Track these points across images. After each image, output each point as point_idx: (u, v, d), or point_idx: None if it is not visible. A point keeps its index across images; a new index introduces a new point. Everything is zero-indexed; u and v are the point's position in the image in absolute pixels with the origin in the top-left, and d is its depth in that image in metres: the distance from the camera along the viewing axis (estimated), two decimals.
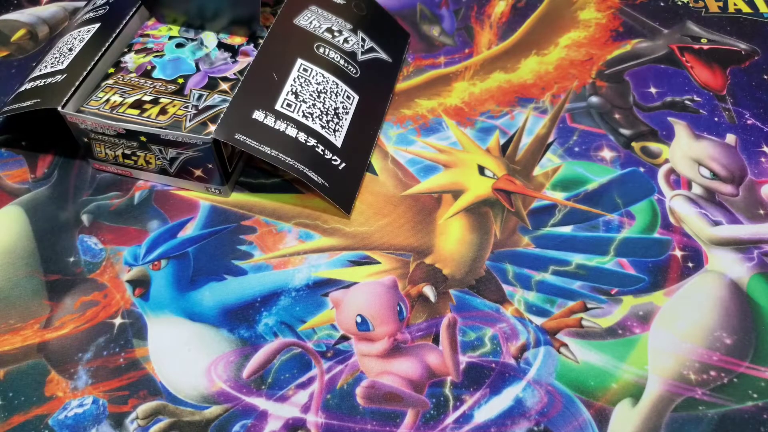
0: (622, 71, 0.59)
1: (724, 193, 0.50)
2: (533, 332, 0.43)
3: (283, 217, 0.49)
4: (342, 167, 0.48)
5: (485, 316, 0.44)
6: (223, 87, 0.48)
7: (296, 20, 0.52)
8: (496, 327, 0.43)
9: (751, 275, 0.46)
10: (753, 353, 0.42)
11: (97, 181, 0.51)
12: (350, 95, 0.51)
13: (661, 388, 0.41)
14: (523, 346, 0.42)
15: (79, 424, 0.39)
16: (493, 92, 0.58)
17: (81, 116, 0.46)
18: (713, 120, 0.55)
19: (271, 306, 0.44)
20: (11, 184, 0.51)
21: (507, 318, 0.44)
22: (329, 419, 0.40)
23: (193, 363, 0.42)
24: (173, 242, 0.47)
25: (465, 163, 0.52)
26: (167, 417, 0.40)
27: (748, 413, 0.40)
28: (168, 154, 0.47)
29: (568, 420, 0.39)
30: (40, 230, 0.48)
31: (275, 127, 0.45)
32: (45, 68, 0.50)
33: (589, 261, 0.47)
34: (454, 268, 0.46)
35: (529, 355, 0.42)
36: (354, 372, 0.41)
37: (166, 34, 0.52)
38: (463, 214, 0.49)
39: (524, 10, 0.65)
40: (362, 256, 0.47)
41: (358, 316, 0.43)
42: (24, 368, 0.42)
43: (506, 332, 0.43)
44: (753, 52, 0.61)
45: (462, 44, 0.62)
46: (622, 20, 0.64)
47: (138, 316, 0.44)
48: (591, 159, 0.53)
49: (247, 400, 0.40)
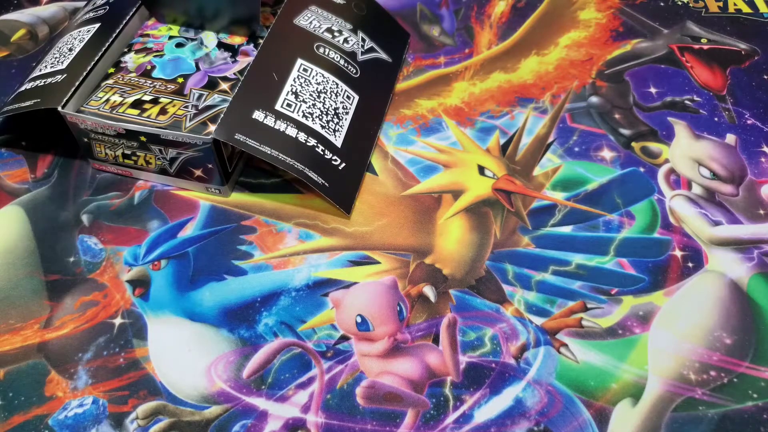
0: (622, 71, 0.59)
1: (724, 193, 0.50)
2: (533, 332, 0.43)
3: (283, 217, 0.49)
4: (342, 167, 0.48)
5: (485, 316, 0.44)
6: (223, 87, 0.48)
7: (296, 20, 0.52)
8: (496, 327, 0.43)
9: (751, 275, 0.46)
10: (753, 353, 0.42)
11: (97, 181, 0.51)
12: (350, 95, 0.51)
13: (661, 388, 0.41)
14: (523, 346, 0.42)
15: (79, 424, 0.39)
16: (493, 92, 0.58)
17: (81, 116, 0.46)
18: (713, 120, 0.55)
19: (271, 306, 0.44)
20: (11, 184, 0.51)
21: (507, 318, 0.44)
22: (329, 419, 0.40)
23: (193, 363, 0.42)
24: (173, 242, 0.47)
25: (465, 163, 0.52)
26: (167, 417, 0.40)
27: (748, 413, 0.40)
28: (168, 154, 0.47)
29: (568, 420, 0.39)
30: (40, 230, 0.48)
31: (275, 127, 0.45)
32: (45, 68, 0.50)
33: (589, 261, 0.47)
34: (454, 268, 0.46)
35: (529, 355, 0.42)
36: (354, 372, 0.41)
37: (166, 33, 0.52)
38: (463, 214, 0.49)
39: (524, 10, 0.65)
40: (362, 256, 0.47)
41: (358, 316, 0.43)
42: (24, 368, 0.42)
43: (506, 332, 0.43)
44: (753, 52, 0.61)
45: (462, 44, 0.62)
46: (622, 20, 0.64)
47: (138, 316, 0.44)
48: (591, 159, 0.53)
49: (247, 400, 0.40)
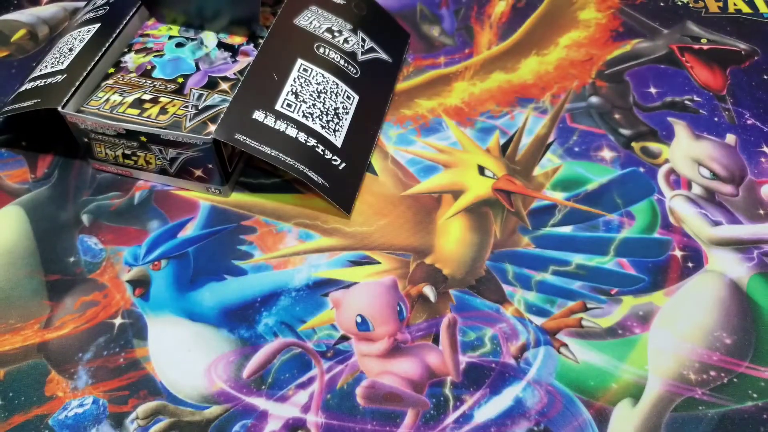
0: (622, 71, 0.59)
1: (724, 193, 0.50)
2: (533, 332, 0.43)
3: (283, 217, 0.49)
4: (342, 167, 0.48)
5: (485, 316, 0.44)
6: (223, 87, 0.48)
7: (296, 20, 0.52)
8: (496, 327, 0.43)
9: (751, 275, 0.46)
10: (753, 353, 0.42)
11: (97, 181, 0.51)
12: (350, 95, 0.51)
13: (661, 388, 0.41)
14: (523, 346, 0.42)
15: (79, 424, 0.39)
16: (493, 92, 0.58)
17: (81, 116, 0.46)
18: (713, 120, 0.55)
19: (271, 306, 0.44)
20: (11, 184, 0.51)
21: (507, 318, 0.44)
22: (329, 419, 0.40)
23: (193, 363, 0.42)
24: (173, 242, 0.47)
25: (465, 163, 0.52)
26: (167, 417, 0.40)
27: (748, 413, 0.40)
28: (168, 154, 0.47)
29: (568, 420, 0.39)
30: (40, 230, 0.48)
31: (275, 127, 0.45)
32: (45, 68, 0.50)
33: (589, 261, 0.47)
34: (454, 268, 0.46)
35: (529, 355, 0.42)
36: (354, 372, 0.41)
37: (166, 33, 0.52)
38: (463, 214, 0.49)
39: (524, 10, 0.65)
40: (362, 256, 0.47)
41: (358, 316, 0.43)
42: (24, 368, 0.42)
43: (506, 332, 0.43)
44: (753, 52, 0.61)
45: (462, 44, 0.62)
46: (622, 20, 0.64)
47: (138, 316, 0.44)
48: (591, 159, 0.53)
49: (247, 400, 0.40)
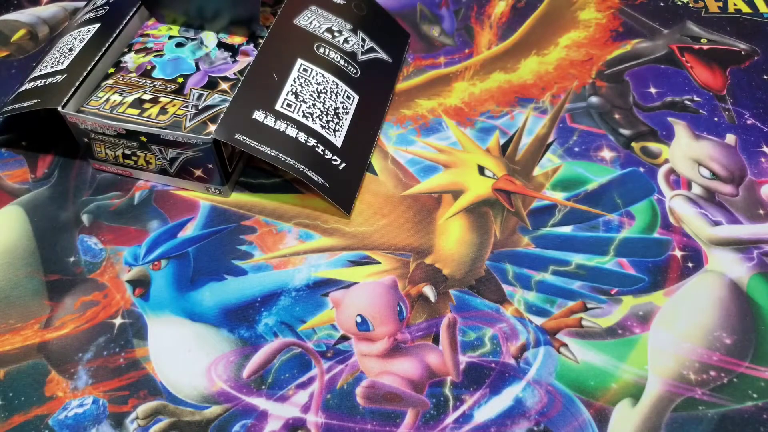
0: (622, 71, 0.59)
1: (723, 193, 0.50)
2: (533, 332, 0.43)
3: (283, 217, 0.49)
4: (342, 167, 0.48)
5: (485, 316, 0.44)
6: (223, 87, 0.48)
7: (296, 20, 0.52)
8: (496, 327, 0.43)
9: (751, 275, 0.46)
10: (753, 353, 0.42)
11: (97, 181, 0.51)
12: (350, 95, 0.51)
13: (661, 388, 0.41)
14: (523, 346, 0.42)
15: (79, 424, 0.39)
16: (493, 92, 0.58)
17: (81, 116, 0.46)
18: (713, 120, 0.55)
19: (271, 306, 0.44)
20: (11, 184, 0.51)
21: (507, 318, 0.44)
22: (329, 419, 0.40)
23: (193, 363, 0.42)
24: (173, 242, 0.47)
25: (465, 163, 0.52)
26: (167, 417, 0.40)
27: (748, 413, 0.40)
28: (168, 154, 0.47)
29: (568, 420, 0.40)
30: (40, 230, 0.48)
31: (275, 127, 0.46)
32: (45, 68, 0.50)
33: (589, 261, 0.47)
34: (454, 268, 0.46)
35: (529, 355, 0.42)
36: (354, 372, 0.41)
37: (166, 33, 0.52)
38: (463, 214, 0.49)
39: (524, 10, 0.65)
40: (362, 256, 0.47)
41: (358, 316, 0.43)
42: (24, 368, 0.42)
43: (506, 332, 0.43)
44: (753, 52, 0.61)
45: (462, 44, 0.62)
46: (622, 20, 0.64)
47: (138, 316, 0.44)
48: (591, 159, 0.53)
49: (247, 400, 0.40)
